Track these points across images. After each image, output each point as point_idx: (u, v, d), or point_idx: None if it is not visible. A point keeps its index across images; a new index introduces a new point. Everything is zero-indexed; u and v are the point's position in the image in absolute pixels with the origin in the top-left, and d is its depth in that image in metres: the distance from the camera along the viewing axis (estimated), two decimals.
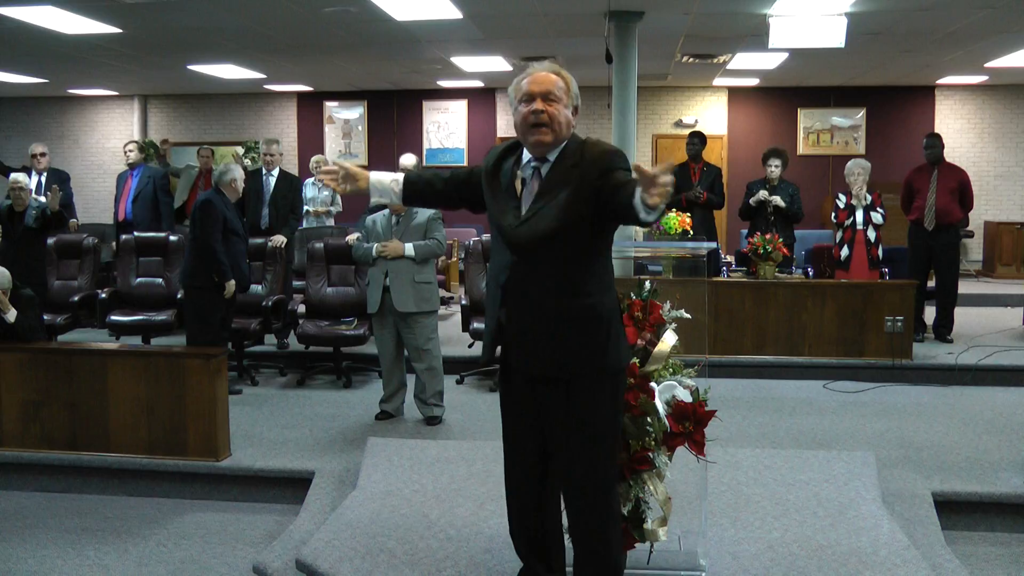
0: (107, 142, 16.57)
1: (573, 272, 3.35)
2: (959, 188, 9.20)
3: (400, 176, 3.76)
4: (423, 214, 6.79)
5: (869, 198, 8.79)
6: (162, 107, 16.54)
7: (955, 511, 5.28)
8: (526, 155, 3.45)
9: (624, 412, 3.63)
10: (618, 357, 3.45)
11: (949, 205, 9.12)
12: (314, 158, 11.25)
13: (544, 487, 3.67)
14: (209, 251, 7.17)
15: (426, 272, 6.75)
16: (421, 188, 3.77)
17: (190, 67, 12.65)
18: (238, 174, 7.52)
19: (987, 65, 12.59)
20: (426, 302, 6.73)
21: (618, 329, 3.48)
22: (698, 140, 10.03)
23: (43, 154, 10.08)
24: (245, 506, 5.74)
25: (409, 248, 6.66)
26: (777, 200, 9.00)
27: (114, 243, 9.52)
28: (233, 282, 7.35)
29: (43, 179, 9.86)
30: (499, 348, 3.58)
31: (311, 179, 10.98)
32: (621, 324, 3.55)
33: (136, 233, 9.16)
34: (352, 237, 8.39)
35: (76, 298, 8.63)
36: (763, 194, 9.00)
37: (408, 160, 8.27)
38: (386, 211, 6.85)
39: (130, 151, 10.46)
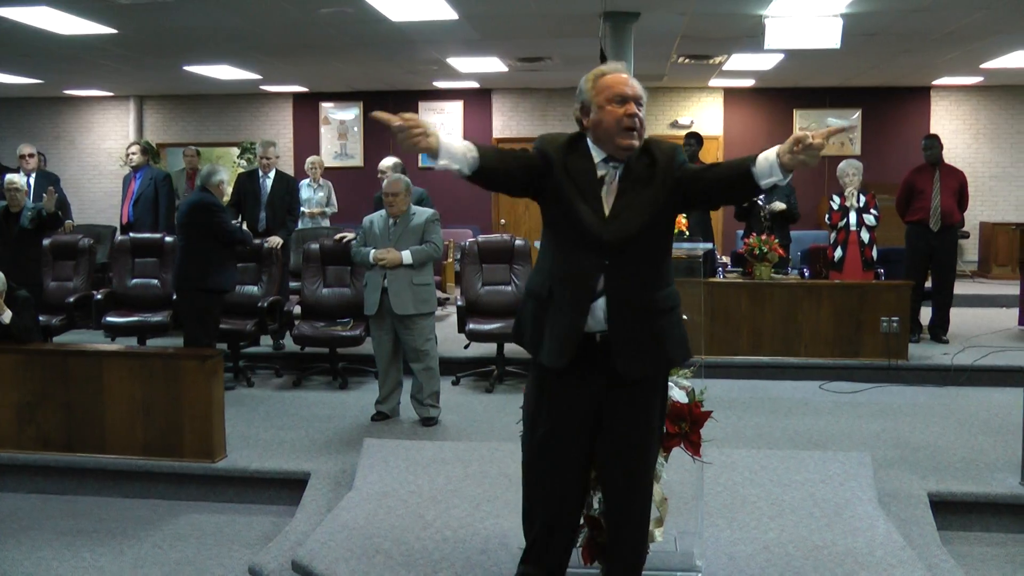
0: (103, 143, 16.54)
1: (658, 266, 3.44)
2: (960, 189, 9.25)
3: (474, 148, 3.25)
4: (421, 216, 6.80)
5: (863, 199, 8.80)
6: (158, 108, 16.51)
7: (951, 511, 5.28)
8: (595, 153, 3.40)
9: None
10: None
11: (952, 206, 9.15)
12: (309, 160, 11.24)
13: (582, 495, 3.64)
14: (235, 240, 7.54)
15: (424, 274, 6.77)
16: (494, 167, 3.33)
17: (186, 68, 12.63)
18: (224, 176, 7.69)
19: (983, 66, 12.59)
20: (425, 303, 6.74)
21: None
22: (695, 141, 10.04)
23: (31, 155, 10.03)
24: (241, 507, 5.73)
25: (407, 256, 6.67)
26: (778, 205, 9.03)
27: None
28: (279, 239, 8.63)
29: (31, 180, 9.82)
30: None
31: (306, 180, 10.99)
32: None
33: (132, 234, 9.15)
34: (340, 236, 8.39)
35: (72, 299, 8.60)
36: (774, 207, 9.06)
37: (388, 161, 8.26)
38: (383, 212, 6.87)
39: (132, 154, 10.44)
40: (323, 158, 12.69)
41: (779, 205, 9.05)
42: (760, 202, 9.08)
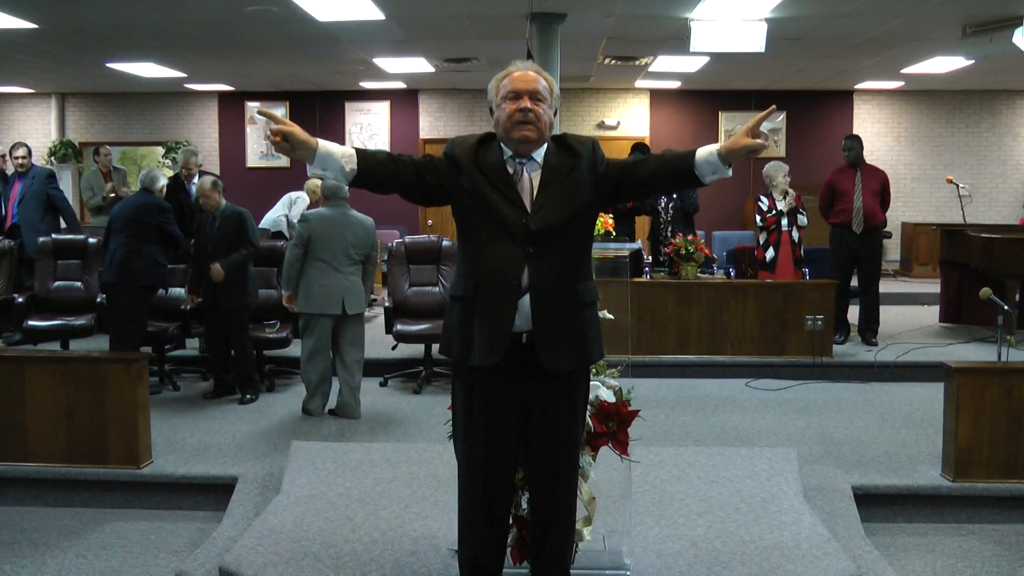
0: (24, 141, 16.14)
1: (579, 259, 3.45)
2: (881, 189, 9.21)
3: (354, 158, 3.32)
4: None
5: (792, 200, 8.90)
6: (81, 106, 16.19)
7: (874, 504, 5.39)
8: (504, 151, 3.42)
9: None
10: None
11: (874, 207, 9.11)
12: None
13: (511, 496, 3.63)
14: (178, 243, 7.75)
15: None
16: (374, 167, 3.35)
17: (109, 65, 12.40)
18: (165, 181, 7.91)
19: (904, 71, 12.89)
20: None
21: None
22: (639, 152, 10.09)
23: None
24: (167, 514, 5.63)
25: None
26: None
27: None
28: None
29: None
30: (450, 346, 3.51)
31: (302, 194, 10.78)
32: None
33: (54, 235, 8.93)
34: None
35: None
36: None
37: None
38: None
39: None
40: (248, 158, 12.49)
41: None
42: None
